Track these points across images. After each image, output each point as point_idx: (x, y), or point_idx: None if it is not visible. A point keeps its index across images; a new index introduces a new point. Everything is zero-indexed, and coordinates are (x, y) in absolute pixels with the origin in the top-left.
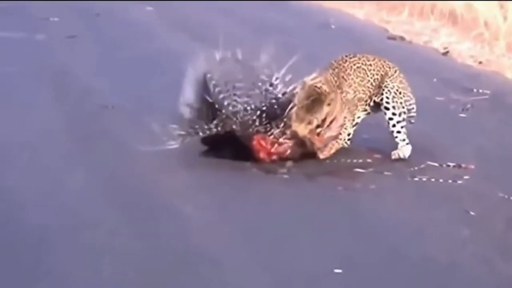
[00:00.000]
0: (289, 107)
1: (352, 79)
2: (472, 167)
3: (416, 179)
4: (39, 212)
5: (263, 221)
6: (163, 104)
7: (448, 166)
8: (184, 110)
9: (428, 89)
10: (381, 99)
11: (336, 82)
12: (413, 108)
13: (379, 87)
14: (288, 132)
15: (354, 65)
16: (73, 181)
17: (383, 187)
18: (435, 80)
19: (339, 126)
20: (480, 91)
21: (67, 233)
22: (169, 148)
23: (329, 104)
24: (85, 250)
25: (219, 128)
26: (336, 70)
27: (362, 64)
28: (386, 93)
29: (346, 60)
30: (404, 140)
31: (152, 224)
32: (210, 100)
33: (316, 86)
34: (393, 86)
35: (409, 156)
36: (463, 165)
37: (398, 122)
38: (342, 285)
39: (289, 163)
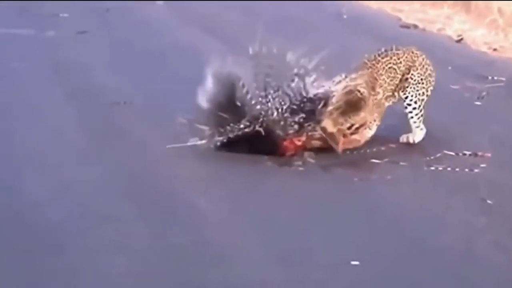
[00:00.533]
0: (322, 103)
1: (384, 79)
2: (489, 155)
3: (432, 168)
4: (54, 209)
5: (279, 214)
6: (176, 99)
7: (464, 154)
8: (207, 109)
9: (443, 77)
10: (405, 96)
11: (371, 84)
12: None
13: (405, 78)
14: (317, 128)
15: (387, 65)
16: (88, 178)
17: (399, 177)
18: (449, 68)
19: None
20: (495, 78)
21: (82, 229)
22: (182, 143)
23: (365, 111)
24: (101, 246)
25: (248, 129)
26: (370, 70)
27: (393, 63)
28: (408, 83)
29: (379, 61)
30: (418, 126)
31: (168, 219)
32: (237, 102)
33: (359, 91)
34: (415, 76)
35: (424, 146)
36: (479, 154)
37: (416, 114)
38: (359, 276)
39: (305, 155)
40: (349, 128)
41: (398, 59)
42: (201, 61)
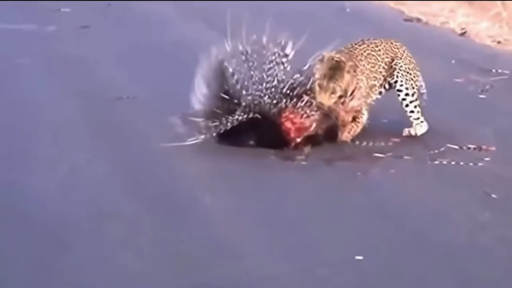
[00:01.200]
0: (311, 81)
1: (364, 65)
2: (493, 149)
3: (436, 162)
4: (57, 206)
5: (282, 208)
6: (179, 95)
7: (469, 148)
8: (201, 102)
9: (447, 71)
10: (394, 81)
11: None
12: (422, 86)
13: (391, 68)
14: (313, 105)
15: (365, 52)
16: (92, 173)
17: (403, 171)
18: (453, 61)
19: (361, 95)
20: (500, 71)
21: (87, 225)
22: (186, 139)
23: (349, 72)
24: (106, 242)
25: (242, 117)
26: (347, 55)
27: (372, 50)
28: (397, 74)
29: (356, 48)
30: (418, 118)
31: (172, 215)
32: (225, 93)
33: (334, 56)
34: (403, 67)
35: (428, 139)
36: (483, 147)
37: (411, 102)
38: (363, 271)
39: (307, 149)
40: (342, 96)
41: (376, 46)
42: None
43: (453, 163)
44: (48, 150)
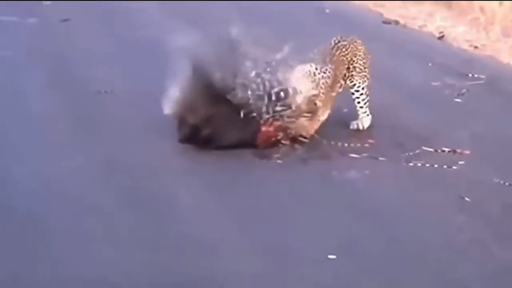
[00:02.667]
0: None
1: (337, 74)
2: (467, 152)
3: (411, 164)
4: (38, 197)
5: (258, 206)
6: (156, 90)
7: (443, 151)
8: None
9: (423, 74)
10: (352, 84)
11: (328, 83)
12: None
13: (352, 68)
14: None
15: (339, 58)
16: (70, 168)
17: (378, 172)
18: (430, 64)
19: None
20: (476, 76)
21: (67, 219)
22: (165, 134)
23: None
24: (84, 235)
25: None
26: (330, 70)
27: (343, 55)
28: (354, 71)
29: (334, 55)
30: (365, 112)
31: (150, 209)
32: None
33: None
34: (360, 65)
35: (403, 142)
36: (458, 151)
37: (363, 99)
38: (338, 270)
39: (283, 148)
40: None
41: (346, 50)
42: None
43: (427, 165)
44: (29, 142)
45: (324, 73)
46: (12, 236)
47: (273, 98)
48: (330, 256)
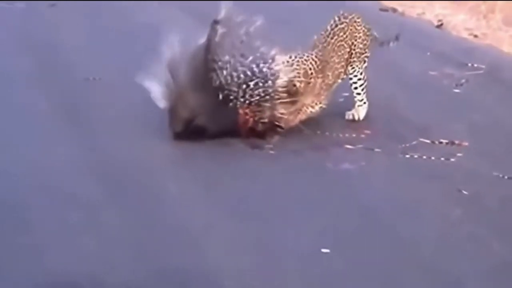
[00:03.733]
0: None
1: (334, 60)
2: (466, 144)
3: (408, 156)
4: (21, 187)
5: (249, 198)
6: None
7: (441, 143)
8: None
9: (421, 63)
10: (352, 69)
11: (318, 66)
12: None
13: (352, 52)
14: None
15: (336, 45)
16: (57, 156)
17: (374, 164)
18: (428, 53)
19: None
20: (475, 65)
21: (50, 209)
22: (154, 123)
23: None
24: (68, 226)
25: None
26: (320, 53)
27: (341, 40)
28: (353, 59)
29: (328, 42)
30: (362, 100)
31: (136, 201)
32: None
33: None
34: (358, 51)
35: (400, 133)
36: (456, 142)
37: (360, 85)
38: (330, 265)
39: (275, 138)
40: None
41: (344, 34)
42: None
43: (424, 157)
44: (14, 131)
45: (306, 59)
46: None
47: (248, 82)
48: (323, 250)
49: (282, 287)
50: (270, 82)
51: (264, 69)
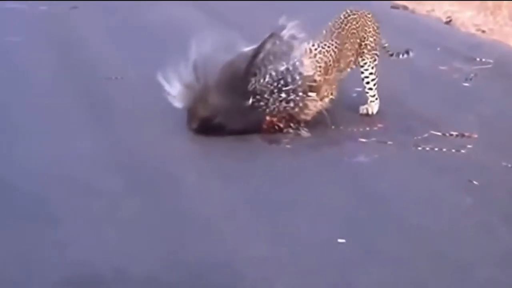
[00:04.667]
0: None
1: (346, 47)
2: (475, 136)
3: (420, 148)
4: (44, 180)
5: (267, 191)
6: (167, 76)
7: (451, 135)
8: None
9: (432, 59)
10: (363, 62)
11: (337, 57)
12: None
13: (361, 46)
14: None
15: (350, 30)
16: (79, 150)
17: (387, 156)
18: (438, 49)
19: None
20: (483, 60)
21: (72, 202)
22: (173, 120)
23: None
24: (90, 218)
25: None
26: (338, 41)
27: (353, 29)
28: (364, 52)
29: (343, 28)
30: (374, 95)
31: (156, 193)
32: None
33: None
34: (369, 45)
35: (412, 126)
36: (466, 134)
37: (372, 80)
38: (345, 254)
39: (291, 133)
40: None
41: (356, 23)
42: (192, 37)
43: (436, 149)
44: (38, 126)
45: (323, 48)
46: (19, 218)
47: (281, 94)
48: (339, 240)
49: (299, 275)
50: (300, 91)
51: (297, 77)
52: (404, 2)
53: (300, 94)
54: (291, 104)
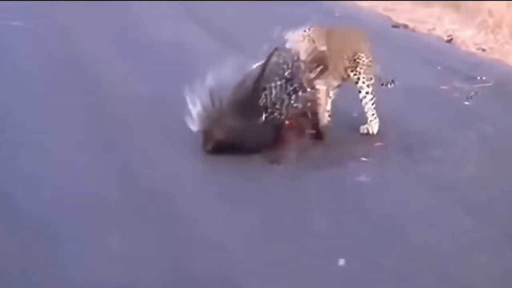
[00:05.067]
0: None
1: (335, 58)
2: (475, 154)
3: (420, 167)
4: (50, 194)
5: (268, 211)
6: (176, 95)
7: (451, 154)
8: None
9: (432, 77)
10: (357, 77)
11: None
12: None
13: (354, 61)
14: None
15: (335, 43)
16: (84, 169)
17: (387, 175)
18: (439, 68)
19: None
20: (484, 78)
21: (77, 221)
22: (179, 139)
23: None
24: (96, 238)
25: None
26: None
27: (341, 41)
28: (359, 71)
29: (329, 34)
30: (373, 115)
31: (158, 211)
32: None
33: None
34: (363, 62)
35: (413, 144)
36: (467, 153)
37: (370, 99)
38: (347, 274)
39: (292, 153)
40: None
41: (346, 36)
42: (198, 57)
43: (436, 168)
44: (45, 140)
45: (314, 31)
46: (24, 237)
47: (287, 93)
48: (340, 260)
49: None
50: (307, 86)
51: (301, 67)
52: (406, 21)
53: (308, 89)
54: (303, 102)
